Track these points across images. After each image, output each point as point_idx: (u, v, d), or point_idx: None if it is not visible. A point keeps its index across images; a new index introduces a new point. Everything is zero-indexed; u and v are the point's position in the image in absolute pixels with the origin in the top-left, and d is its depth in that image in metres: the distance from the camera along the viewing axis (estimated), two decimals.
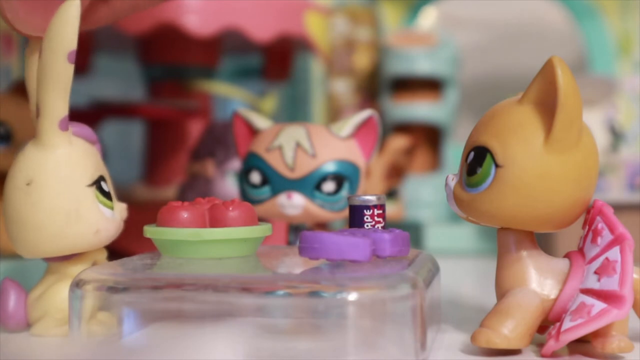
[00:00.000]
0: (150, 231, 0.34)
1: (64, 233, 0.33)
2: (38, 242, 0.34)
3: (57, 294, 0.34)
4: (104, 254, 0.36)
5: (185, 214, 0.33)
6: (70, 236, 0.34)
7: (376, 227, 0.35)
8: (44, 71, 0.33)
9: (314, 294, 0.28)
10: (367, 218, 0.35)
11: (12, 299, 0.35)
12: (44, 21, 0.34)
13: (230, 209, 0.34)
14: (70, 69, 0.33)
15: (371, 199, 0.35)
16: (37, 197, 0.33)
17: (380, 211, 0.35)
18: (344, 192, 0.42)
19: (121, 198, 0.37)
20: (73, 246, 0.34)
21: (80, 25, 0.37)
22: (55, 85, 0.33)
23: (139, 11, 0.38)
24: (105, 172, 0.36)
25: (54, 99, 0.33)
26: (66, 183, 0.33)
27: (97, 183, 0.35)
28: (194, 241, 0.33)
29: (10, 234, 0.34)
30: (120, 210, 0.36)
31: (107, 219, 0.35)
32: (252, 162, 0.43)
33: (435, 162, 0.83)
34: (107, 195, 0.35)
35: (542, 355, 0.31)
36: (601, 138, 0.67)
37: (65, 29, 0.32)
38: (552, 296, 0.32)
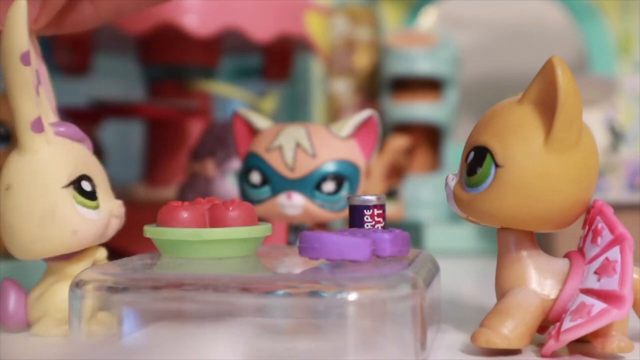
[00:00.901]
0: (150, 231, 0.34)
1: (41, 236, 0.33)
2: (21, 245, 0.34)
3: (56, 294, 0.34)
4: (104, 253, 0.36)
5: (185, 214, 0.33)
6: (47, 238, 0.34)
7: (376, 227, 0.35)
8: (5, 76, 0.33)
9: (314, 294, 0.28)
10: (367, 218, 0.35)
11: (12, 299, 0.35)
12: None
13: (230, 209, 0.34)
14: (26, 71, 0.33)
15: (371, 199, 0.35)
16: (14, 201, 0.33)
17: (380, 211, 0.35)
18: (344, 192, 0.42)
19: (121, 198, 0.37)
20: (52, 248, 0.34)
21: (65, 27, 0.37)
22: (19, 89, 0.33)
23: (125, 14, 0.38)
24: (92, 170, 0.36)
25: (21, 102, 0.33)
26: (40, 186, 0.33)
27: (76, 183, 0.34)
28: (194, 241, 0.33)
29: (2, 237, 0.35)
30: (111, 208, 0.36)
31: (86, 220, 0.34)
32: (252, 162, 0.43)
33: (435, 162, 0.83)
34: (88, 195, 0.35)
35: (542, 355, 0.31)
36: (601, 138, 0.67)
37: (14, 31, 0.32)
38: (552, 296, 0.32)
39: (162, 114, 0.66)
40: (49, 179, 0.34)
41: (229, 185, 0.55)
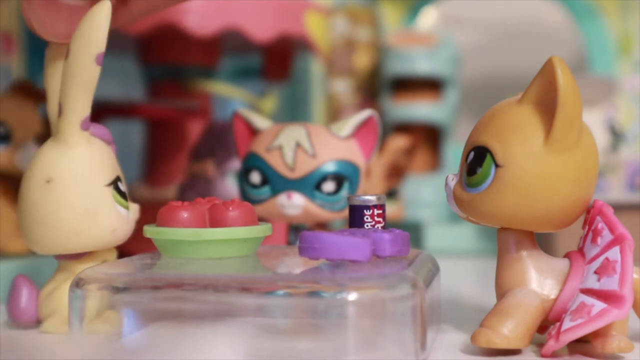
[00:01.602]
0: (150, 231, 0.34)
1: (82, 231, 0.34)
2: (56, 239, 0.34)
3: (65, 292, 0.35)
4: (114, 253, 0.37)
5: (185, 214, 0.34)
6: (88, 234, 0.34)
7: (376, 227, 0.35)
8: (70, 72, 0.34)
9: (314, 294, 0.28)
10: (367, 218, 0.35)
11: (24, 296, 0.36)
12: (67, 27, 0.35)
13: (230, 209, 0.34)
14: (97, 70, 0.34)
15: (371, 199, 0.35)
16: (57, 194, 0.34)
17: (380, 211, 0.35)
18: (344, 192, 0.42)
19: None
20: (90, 244, 0.35)
21: None
22: (82, 86, 0.34)
23: (155, 12, 0.38)
24: (120, 173, 0.36)
25: (79, 99, 0.34)
26: (86, 182, 0.34)
27: (115, 183, 0.35)
28: (194, 241, 0.33)
29: (25, 230, 0.35)
30: (133, 210, 0.37)
31: (123, 218, 0.35)
32: (252, 162, 0.43)
33: (435, 162, 0.83)
34: (123, 195, 0.36)
35: (542, 355, 0.31)
36: (601, 138, 0.67)
37: (96, 32, 0.33)
38: (552, 296, 0.32)
39: (162, 114, 0.66)
40: (94, 175, 0.34)
41: (229, 186, 0.55)
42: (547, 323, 0.32)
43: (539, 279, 0.32)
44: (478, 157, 0.32)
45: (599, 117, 0.68)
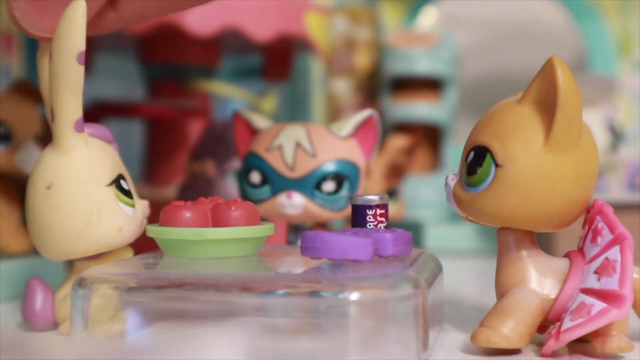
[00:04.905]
0: (152, 231, 0.34)
1: (88, 234, 0.34)
2: (63, 244, 0.34)
3: None
4: (130, 252, 0.37)
5: (187, 214, 0.34)
6: (93, 236, 0.34)
7: (378, 226, 0.35)
8: (55, 74, 0.33)
9: (315, 293, 0.28)
10: (369, 218, 0.35)
11: (39, 298, 0.35)
12: (52, 22, 0.34)
13: (233, 208, 0.34)
14: (80, 70, 0.33)
15: (374, 198, 0.35)
16: (58, 200, 0.33)
17: (383, 211, 0.36)
18: (344, 192, 0.42)
19: None
20: (98, 246, 0.34)
21: (88, 31, 0.37)
22: (68, 87, 0.33)
23: (146, 18, 0.38)
24: (124, 171, 0.36)
25: (68, 101, 0.33)
26: (86, 184, 0.34)
27: (117, 182, 0.35)
28: (196, 241, 0.33)
29: (34, 237, 0.34)
30: (141, 207, 0.36)
31: (128, 217, 0.35)
32: (252, 161, 0.43)
33: (435, 162, 0.83)
34: (127, 193, 0.35)
35: (542, 355, 0.31)
36: (601, 138, 0.67)
37: (73, 30, 0.33)
38: (552, 296, 0.32)
39: (162, 114, 0.66)
40: (94, 177, 0.34)
41: (229, 185, 0.55)
42: (547, 323, 0.32)
43: (539, 279, 0.32)
44: (478, 157, 0.32)
45: (599, 117, 0.68)
